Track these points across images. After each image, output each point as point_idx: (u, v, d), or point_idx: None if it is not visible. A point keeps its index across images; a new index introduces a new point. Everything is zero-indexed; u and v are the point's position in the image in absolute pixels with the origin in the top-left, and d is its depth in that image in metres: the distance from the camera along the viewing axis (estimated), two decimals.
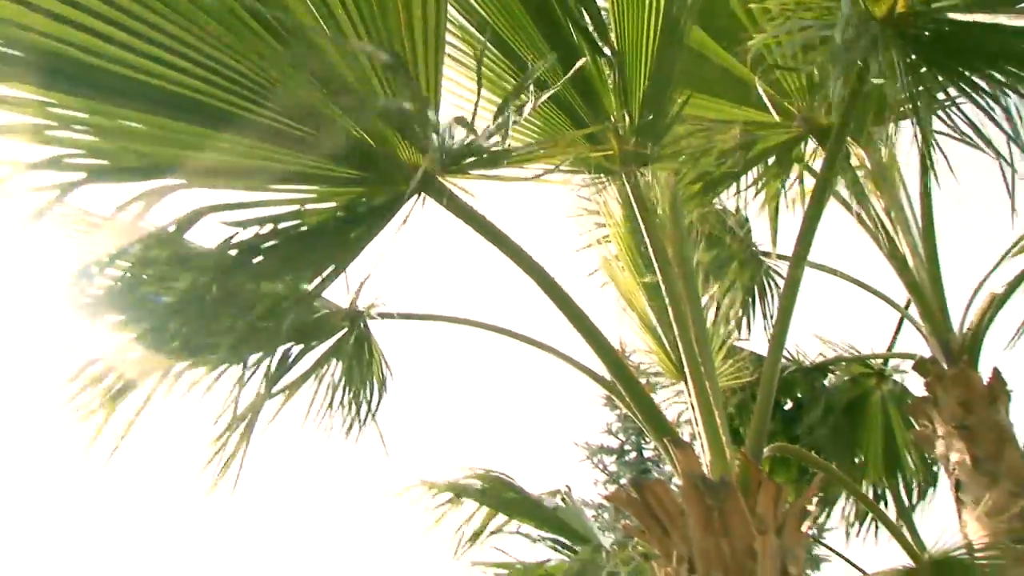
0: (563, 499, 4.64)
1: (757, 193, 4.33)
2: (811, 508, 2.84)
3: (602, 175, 3.38)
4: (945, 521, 4.66)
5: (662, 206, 3.40)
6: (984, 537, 4.12)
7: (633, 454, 15.46)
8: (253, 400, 2.74)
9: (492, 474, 4.37)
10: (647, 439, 14.77)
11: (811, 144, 4.14)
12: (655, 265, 3.21)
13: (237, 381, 2.76)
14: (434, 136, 2.32)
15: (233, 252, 2.27)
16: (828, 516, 5.24)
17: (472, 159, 2.32)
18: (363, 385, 3.45)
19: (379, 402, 3.47)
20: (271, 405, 2.93)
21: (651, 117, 3.00)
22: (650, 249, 3.17)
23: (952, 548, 3.59)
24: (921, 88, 2.73)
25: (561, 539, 4.48)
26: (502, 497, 4.38)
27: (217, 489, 2.77)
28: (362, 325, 3.37)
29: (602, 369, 2.99)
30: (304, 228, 2.38)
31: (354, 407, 3.43)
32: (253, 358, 2.75)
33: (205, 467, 2.77)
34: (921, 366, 4.79)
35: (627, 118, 3.03)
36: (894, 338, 5.44)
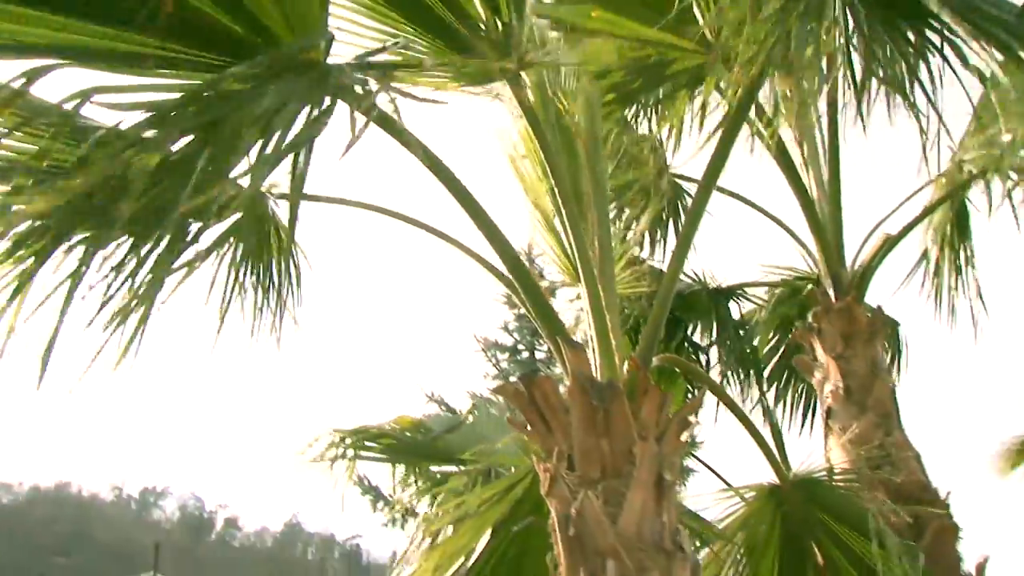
0: (474, 410, 4.62)
1: (663, 113, 4.32)
2: (692, 419, 2.92)
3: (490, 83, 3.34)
4: (813, 446, 4.88)
5: (572, 110, 3.38)
6: (845, 462, 4.37)
7: (526, 354, 15.72)
8: (152, 275, 2.62)
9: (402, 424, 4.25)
10: (541, 340, 15.03)
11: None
12: (547, 167, 3.20)
13: (133, 254, 2.64)
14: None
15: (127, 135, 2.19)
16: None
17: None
18: (268, 265, 3.36)
19: (289, 282, 3.40)
20: (170, 282, 2.81)
21: (518, 22, 2.94)
22: (541, 153, 3.16)
23: (815, 470, 3.77)
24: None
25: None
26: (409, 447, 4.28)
27: (117, 367, 2.64)
28: (265, 205, 3.27)
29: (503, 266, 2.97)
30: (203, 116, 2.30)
31: (259, 287, 3.35)
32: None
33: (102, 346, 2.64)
34: (811, 297, 4.97)
35: (498, 25, 2.96)
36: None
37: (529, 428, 2.73)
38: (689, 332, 5.70)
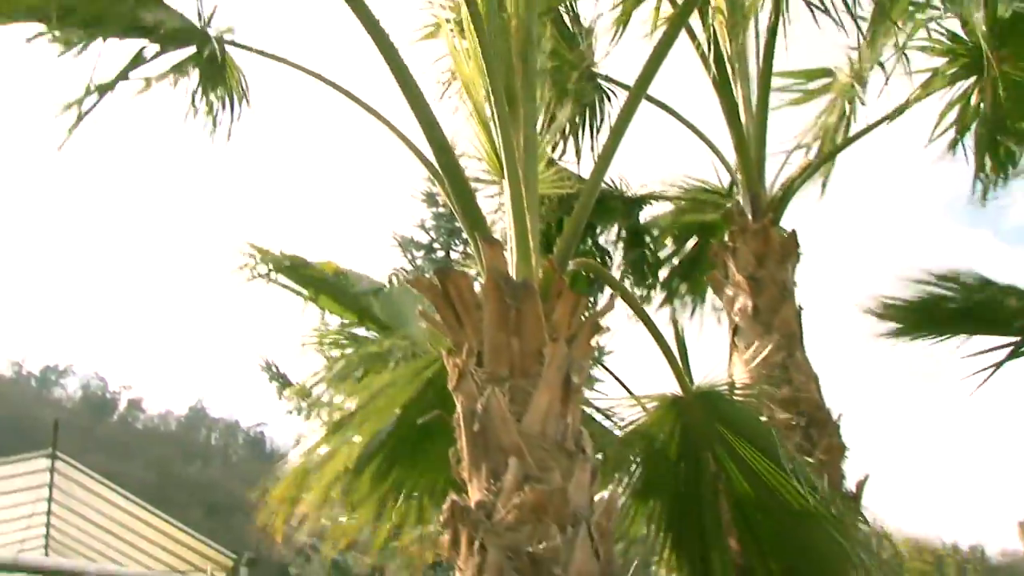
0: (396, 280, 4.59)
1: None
2: (603, 325, 2.92)
3: None
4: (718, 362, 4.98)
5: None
6: (747, 378, 4.48)
7: (441, 253, 15.70)
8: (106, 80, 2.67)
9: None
10: (457, 241, 15.00)
11: None
12: (483, 64, 3.12)
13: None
14: None
15: None
16: None
17: None
18: (218, 95, 3.54)
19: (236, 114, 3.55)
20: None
21: None
22: (479, 48, 3.06)
23: (717, 384, 3.83)
24: None
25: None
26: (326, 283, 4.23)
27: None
28: (217, 45, 3.40)
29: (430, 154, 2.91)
30: None
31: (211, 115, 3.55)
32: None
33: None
34: (728, 216, 5.01)
35: None
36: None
37: (441, 322, 2.70)
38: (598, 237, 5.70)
